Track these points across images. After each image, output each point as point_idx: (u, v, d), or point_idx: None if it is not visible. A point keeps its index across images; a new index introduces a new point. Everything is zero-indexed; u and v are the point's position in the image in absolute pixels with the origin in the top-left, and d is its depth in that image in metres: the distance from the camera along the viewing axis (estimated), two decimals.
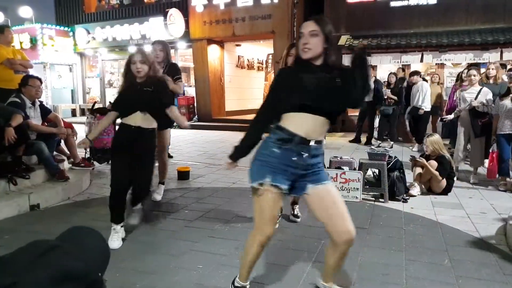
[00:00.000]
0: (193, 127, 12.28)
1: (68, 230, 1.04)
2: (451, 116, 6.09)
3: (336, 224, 2.05)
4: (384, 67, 11.17)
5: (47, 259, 0.87)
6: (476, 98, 5.46)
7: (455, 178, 5.06)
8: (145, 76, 3.15)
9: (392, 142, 8.46)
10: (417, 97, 8.06)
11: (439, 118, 8.19)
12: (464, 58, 10.07)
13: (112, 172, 3.20)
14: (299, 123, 2.02)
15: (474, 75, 5.61)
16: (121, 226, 3.24)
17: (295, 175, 2.06)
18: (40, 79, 4.92)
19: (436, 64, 10.59)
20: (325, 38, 2.01)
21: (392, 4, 10.76)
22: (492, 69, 6.22)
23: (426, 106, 8.06)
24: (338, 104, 2.07)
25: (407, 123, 8.74)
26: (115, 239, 3.13)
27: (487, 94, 5.46)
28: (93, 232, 1.06)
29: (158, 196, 4.46)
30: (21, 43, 14.41)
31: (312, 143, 2.03)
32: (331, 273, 2.26)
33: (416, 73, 8.61)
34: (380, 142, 8.41)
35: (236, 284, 2.28)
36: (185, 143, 9.13)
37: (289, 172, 2.04)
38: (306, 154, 2.03)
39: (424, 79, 8.56)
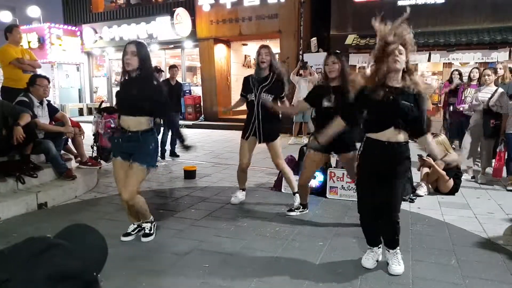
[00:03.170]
0: (199, 126, 12.29)
1: (68, 227, 1.03)
2: (466, 106, 5.98)
3: (122, 187, 3.12)
4: None
5: (45, 257, 0.86)
6: (490, 98, 5.29)
7: (462, 178, 5.02)
8: None
9: None
10: None
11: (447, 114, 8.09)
12: (472, 57, 9.94)
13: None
14: (124, 120, 3.11)
15: (489, 75, 5.45)
16: (378, 248, 2.92)
17: (126, 151, 3.12)
18: (47, 79, 4.96)
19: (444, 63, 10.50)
20: (139, 57, 2.99)
21: (400, 3, 10.67)
22: (500, 68, 6.15)
23: None
24: (132, 107, 3.04)
25: None
26: (370, 257, 2.87)
27: (502, 95, 5.26)
28: (92, 230, 1.04)
29: (233, 199, 4.39)
30: (29, 42, 14.49)
31: (128, 133, 3.07)
32: (135, 216, 3.37)
33: None
34: None
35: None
36: (191, 142, 9.13)
37: (120, 150, 3.15)
38: (121, 139, 3.12)
39: None
